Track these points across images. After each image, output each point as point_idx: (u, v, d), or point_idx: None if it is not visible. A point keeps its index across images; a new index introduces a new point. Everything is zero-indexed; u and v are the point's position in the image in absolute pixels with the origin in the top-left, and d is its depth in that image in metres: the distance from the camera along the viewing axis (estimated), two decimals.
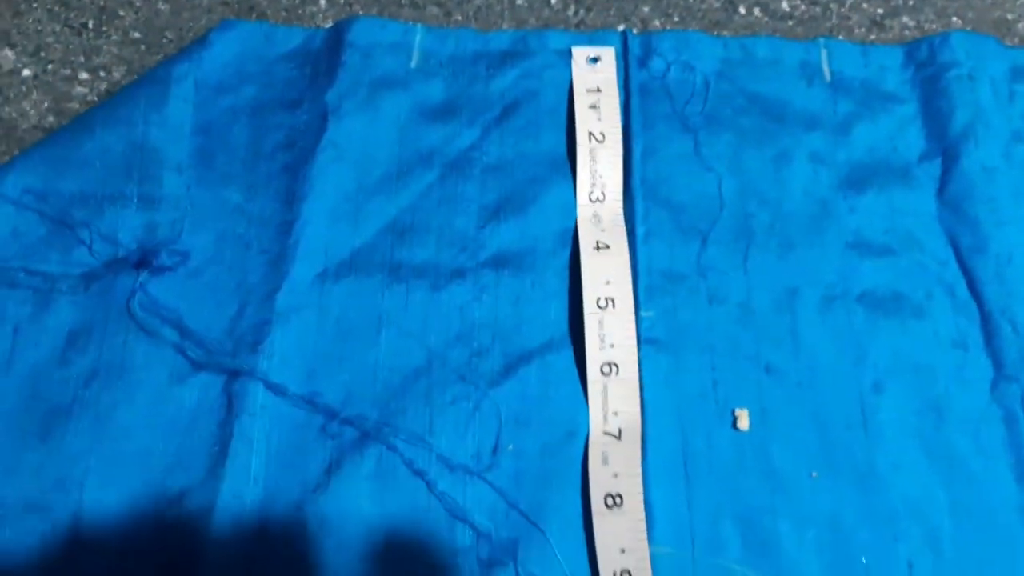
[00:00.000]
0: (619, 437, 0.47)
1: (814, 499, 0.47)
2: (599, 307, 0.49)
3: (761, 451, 0.48)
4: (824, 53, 0.59)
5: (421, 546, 0.45)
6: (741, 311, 0.51)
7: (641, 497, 0.45)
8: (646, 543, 0.44)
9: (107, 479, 0.45)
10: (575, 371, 0.49)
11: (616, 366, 0.48)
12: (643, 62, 0.58)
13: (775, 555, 0.46)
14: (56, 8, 0.55)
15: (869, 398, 0.49)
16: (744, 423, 0.48)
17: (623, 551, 0.44)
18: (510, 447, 0.47)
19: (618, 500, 0.45)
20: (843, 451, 0.48)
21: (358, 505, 0.46)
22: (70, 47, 0.54)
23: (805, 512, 0.47)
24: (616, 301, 0.49)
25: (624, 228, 0.51)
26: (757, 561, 0.46)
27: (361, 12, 0.59)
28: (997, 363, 0.50)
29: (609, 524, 0.45)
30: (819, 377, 0.50)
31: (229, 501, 0.45)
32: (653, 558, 0.45)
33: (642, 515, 0.45)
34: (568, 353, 0.49)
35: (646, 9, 0.60)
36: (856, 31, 0.61)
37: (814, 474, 0.48)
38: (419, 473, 0.46)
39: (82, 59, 0.55)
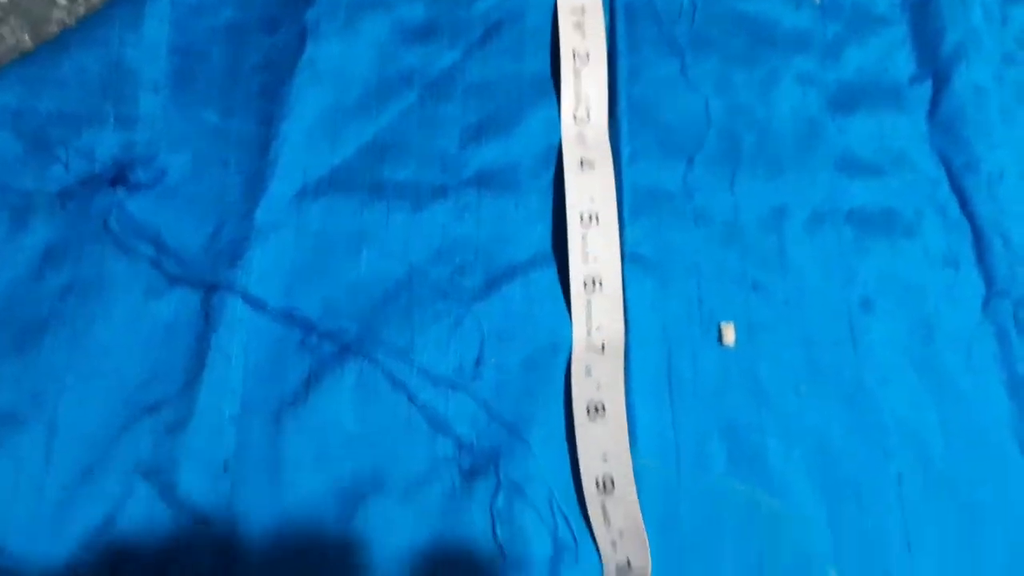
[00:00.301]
0: (602, 351, 0.46)
1: (802, 416, 0.47)
2: (583, 222, 0.48)
3: (747, 368, 0.47)
4: None
5: (402, 457, 0.45)
6: (727, 230, 0.50)
7: (624, 407, 0.44)
8: (628, 451, 0.43)
9: (83, 392, 0.45)
10: (559, 288, 0.48)
11: (599, 281, 0.47)
12: None
13: (762, 471, 0.45)
14: None
15: (858, 316, 0.49)
16: (730, 337, 0.48)
17: (605, 458, 0.43)
18: (492, 361, 0.46)
19: (600, 409, 0.44)
20: (831, 368, 0.48)
21: (338, 417, 0.45)
22: None
23: (792, 428, 0.46)
24: (600, 217, 0.48)
25: (609, 147, 0.51)
26: (744, 476, 0.45)
27: None
28: (988, 280, 0.50)
29: (591, 433, 0.44)
30: (807, 295, 0.49)
31: (206, 412, 0.44)
32: (637, 471, 0.45)
33: (624, 424, 0.44)
34: (551, 270, 0.48)
35: None
36: None
37: (803, 388, 0.47)
38: (400, 385, 0.45)
39: None
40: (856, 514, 0.45)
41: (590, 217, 0.48)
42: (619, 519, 0.43)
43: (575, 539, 0.44)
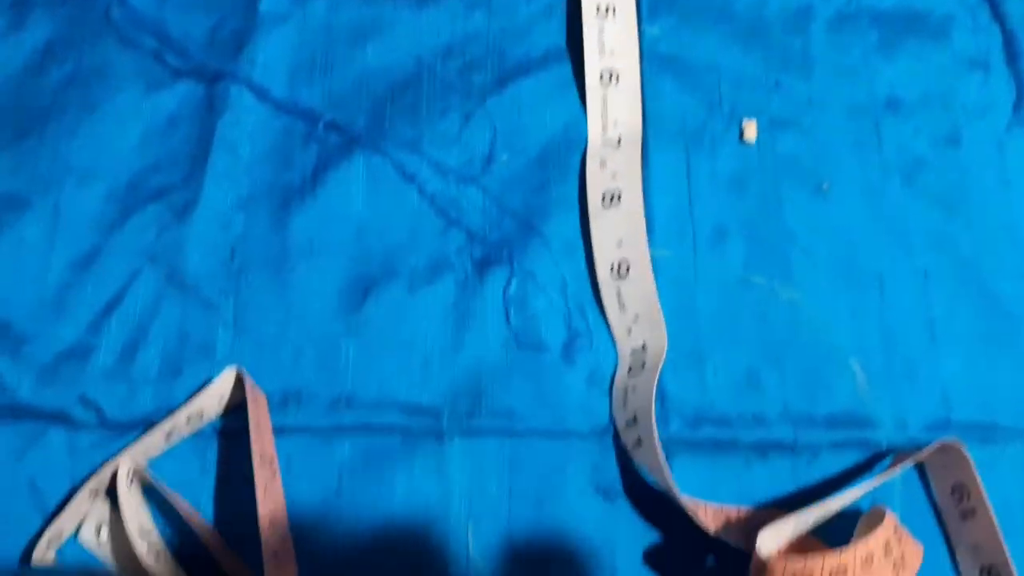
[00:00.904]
0: (619, 145, 0.45)
1: (824, 214, 0.45)
2: (599, 14, 0.46)
3: (769, 165, 0.46)
4: None
5: (412, 248, 0.43)
6: (750, 29, 0.48)
7: (640, 195, 0.43)
8: (644, 235, 0.42)
9: (87, 177, 0.44)
10: (573, 84, 0.47)
11: (616, 76, 0.46)
12: None
13: (783, 265, 0.44)
14: None
15: (883, 116, 0.47)
16: (751, 133, 0.46)
17: (620, 244, 0.42)
18: (504, 157, 0.45)
19: (616, 198, 0.43)
20: (855, 167, 0.46)
21: (346, 207, 0.44)
22: None
23: (814, 226, 0.45)
24: (617, 9, 0.46)
25: None
26: (763, 270, 0.44)
27: None
28: (1019, 82, 0.48)
29: (606, 219, 0.43)
30: (831, 94, 0.48)
31: (212, 199, 0.44)
32: (653, 259, 0.43)
33: (641, 210, 0.43)
34: (566, 66, 0.47)
35: None
36: None
37: (825, 185, 0.45)
38: (409, 178, 0.44)
39: None
40: (879, 307, 0.44)
41: (607, 9, 0.46)
42: (634, 303, 0.42)
43: (589, 327, 0.43)
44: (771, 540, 0.34)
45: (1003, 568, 0.37)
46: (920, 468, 0.41)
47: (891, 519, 0.34)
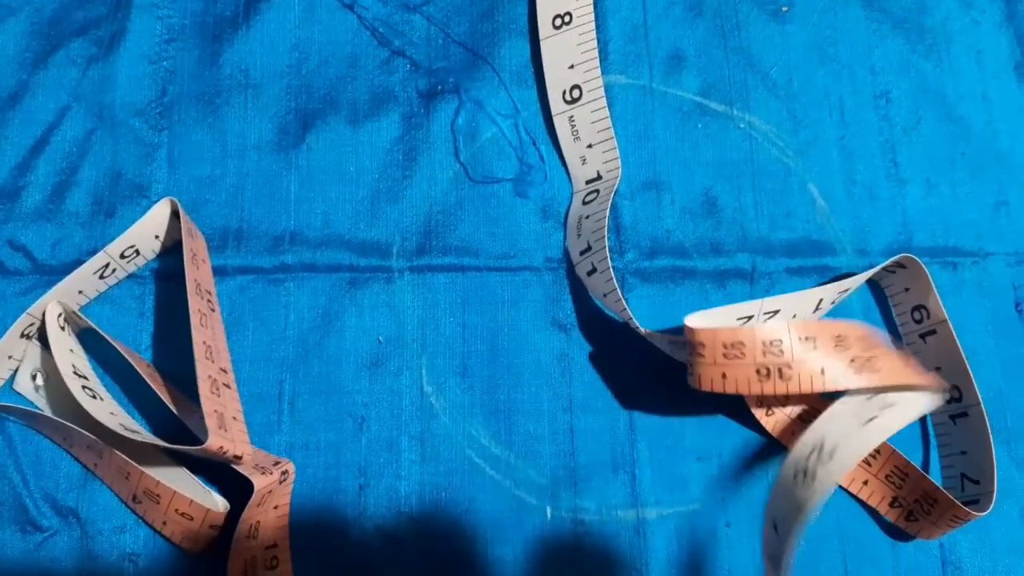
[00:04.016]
0: None
1: (783, 36, 0.43)
2: None
3: None
4: None
5: (354, 80, 0.41)
6: None
7: (592, 16, 0.41)
8: (597, 57, 0.40)
9: (5, 12, 0.41)
10: None
11: None
12: None
13: (741, 90, 0.43)
14: None
15: None
16: None
17: (572, 67, 0.40)
18: None
19: (567, 18, 0.41)
20: None
21: (281, 38, 0.42)
22: None
23: (773, 49, 0.43)
24: None
25: None
26: (720, 95, 0.42)
27: None
28: None
29: (557, 43, 0.41)
30: None
31: (140, 31, 0.41)
32: (609, 86, 0.41)
33: (593, 30, 0.41)
34: None
35: None
36: None
37: (785, 8, 0.44)
38: (348, 4, 0.42)
39: None
40: (839, 131, 0.43)
41: None
42: (588, 132, 0.40)
43: (543, 158, 0.41)
44: (700, 320, 0.33)
45: (965, 385, 0.37)
46: (879, 294, 0.40)
47: (861, 326, 0.33)
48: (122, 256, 0.37)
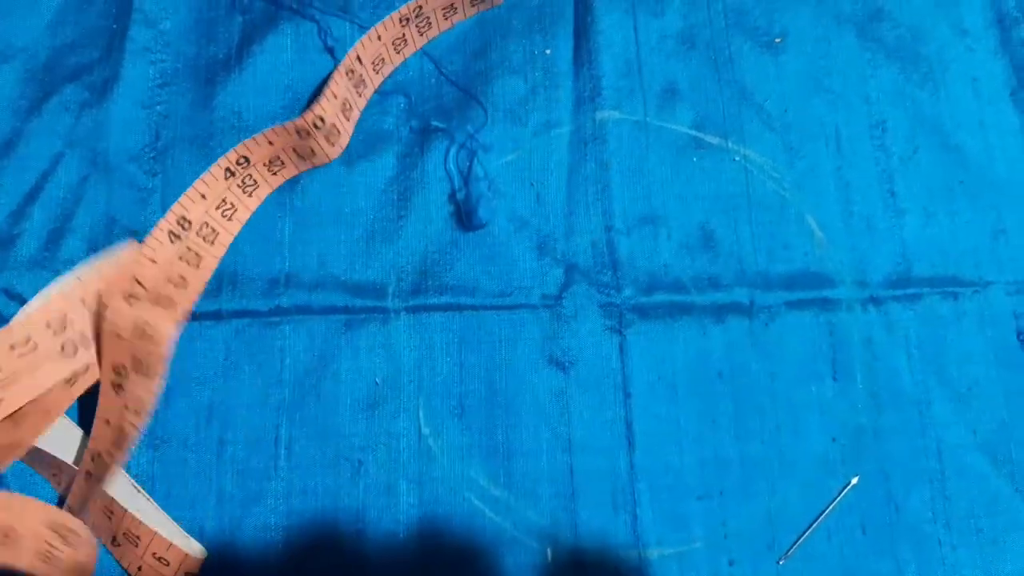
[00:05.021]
0: None
1: (777, 68, 0.43)
2: None
3: (718, 19, 0.44)
4: None
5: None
6: None
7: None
8: None
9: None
10: None
11: None
12: None
13: (735, 123, 0.43)
14: None
15: None
16: None
17: None
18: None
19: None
20: (808, 20, 0.44)
21: (275, 77, 0.42)
22: None
23: (767, 81, 0.43)
24: None
25: None
26: (715, 128, 0.42)
27: None
28: None
29: None
30: None
31: (133, 76, 0.41)
32: (603, 122, 0.41)
33: None
34: None
35: None
36: None
37: (778, 39, 0.43)
38: (339, 42, 0.42)
39: None
40: (835, 162, 0.43)
41: None
42: None
43: (537, 196, 0.41)
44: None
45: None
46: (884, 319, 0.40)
47: None
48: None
